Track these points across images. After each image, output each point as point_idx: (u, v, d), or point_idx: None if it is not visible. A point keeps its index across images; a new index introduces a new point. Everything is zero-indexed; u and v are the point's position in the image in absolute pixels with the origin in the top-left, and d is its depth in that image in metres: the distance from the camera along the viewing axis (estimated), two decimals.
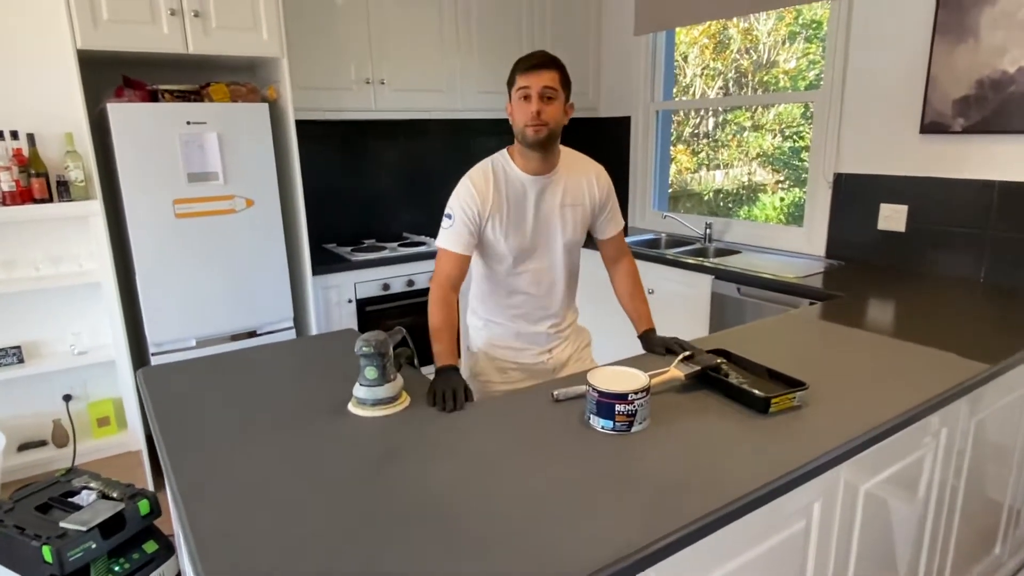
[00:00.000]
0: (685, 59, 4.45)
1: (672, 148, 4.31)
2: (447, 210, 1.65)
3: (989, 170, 2.38)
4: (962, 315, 2.03)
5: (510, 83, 1.60)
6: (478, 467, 1.15)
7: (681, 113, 4.04)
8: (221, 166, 2.53)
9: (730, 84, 4.21)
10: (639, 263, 3.09)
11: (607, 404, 1.25)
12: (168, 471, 1.18)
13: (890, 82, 2.60)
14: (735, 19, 3.95)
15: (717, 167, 4.53)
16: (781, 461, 1.14)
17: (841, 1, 2.72)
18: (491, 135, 3.75)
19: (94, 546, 1.61)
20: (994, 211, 2.38)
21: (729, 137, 4.49)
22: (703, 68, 4.39)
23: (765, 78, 4.02)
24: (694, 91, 4.38)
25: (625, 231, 3.79)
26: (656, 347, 1.72)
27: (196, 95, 2.57)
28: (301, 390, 1.52)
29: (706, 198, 4.76)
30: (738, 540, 1.11)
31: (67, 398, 2.94)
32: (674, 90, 3.87)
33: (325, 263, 3.04)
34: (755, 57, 4.13)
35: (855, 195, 2.80)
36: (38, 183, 2.63)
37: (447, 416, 1.35)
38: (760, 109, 4.10)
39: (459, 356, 1.57)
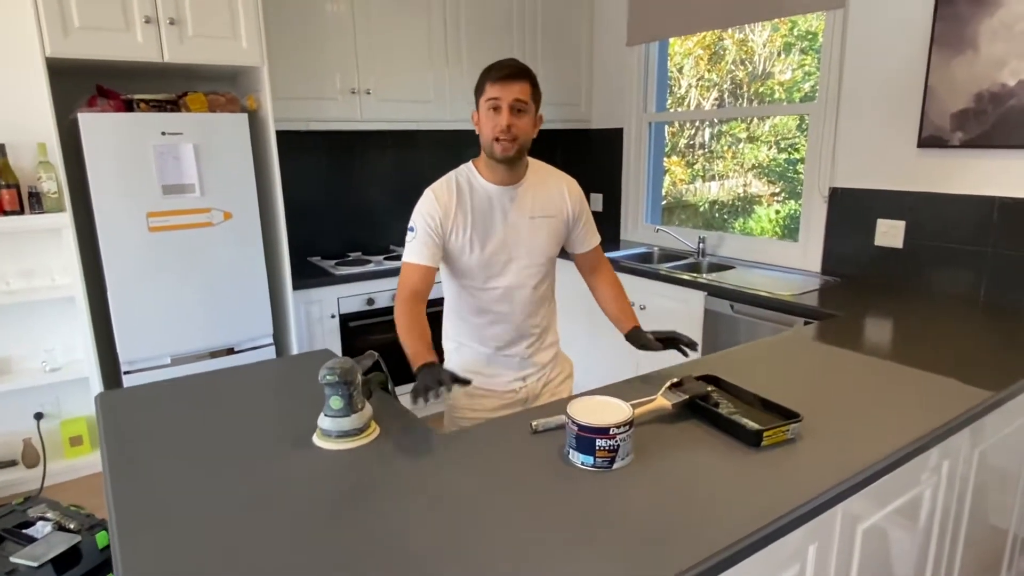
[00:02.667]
0: (680, 70, 4.40)
1: (666, 159, 4.25)
2: (410, 223, 1.58)
3: (989, 186, 2.31)
4: (963, 337, 1.96)
5: (478, 91, 1.53)
6: (449, 507, 1.06)
7: (676, 124, 3.98)
8: (197, 178, 2.45)
9: (725, 95, 4.16)
10: (630, 278, 3.04)
11: (587, 439, 1.17)
12: (111, 509, 1.09)
13: (886, 95, 2.54)
14: (730, 30, 3.91)
15: (712, 178, 4.47)
16: (775, 503, 1.06)
17: (836, 12, 2.66)
18: (478, 147, 3.68)
19: None
20: (994, 228, 2.31)
21: (724, 148, 4.44)
22: (698, 79, 4.34)
23: (760, 89, 3.97)
24: (689, 102, 4.33)
25: (618, 245, 3.73)
26: (648, 342, 1.64)
27: (173, 105, 2.49)
28: (265, 419, 1.43)
29: (701, 209, 4.71)
30: None
31: (39, 416, 2.84)
32: (668, 101, 3.81)
33: (308, 277, 2.95)
34: (750, 68, 4.09)
35: (851, 210, 2.73)
36: (8, 194, 2.55)
37: (417, 449, 1.26)
38: (756, 120, 4.05)
39: (434, 352, 1.48)
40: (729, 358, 1.81)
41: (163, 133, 2.37)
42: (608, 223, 3.99)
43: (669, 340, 1.66)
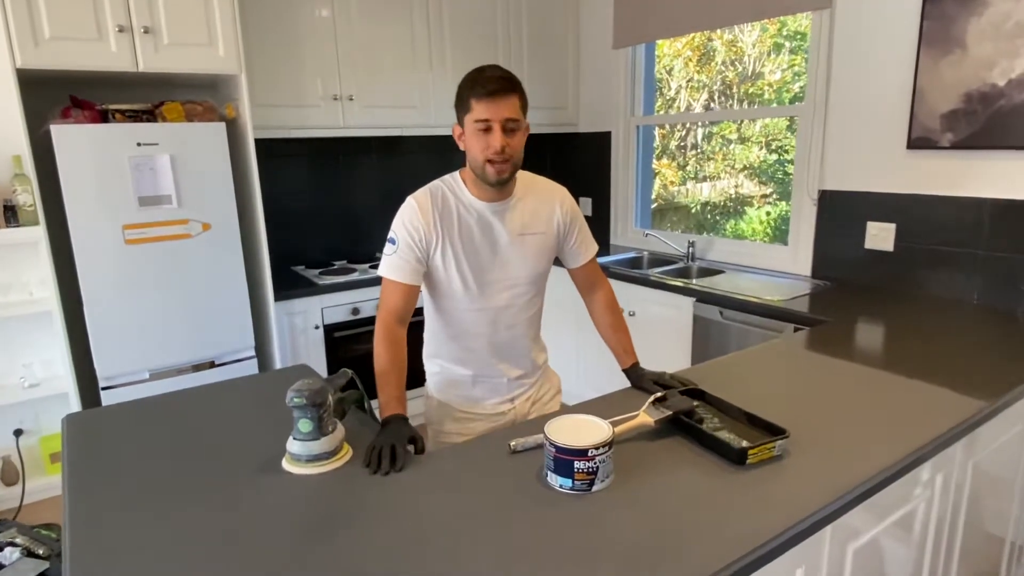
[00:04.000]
0: (670, 72, 4.37)
1: (656, 162, 4.21)
2: (390, 234, 1.47)
3: (979, 187, 2.27)
4: (955, 342, 1.92)
5: (462, 107, 1.41)
6: (422, 534, 1.01)
7: (667, 126, 3.94)
8: (174, 189, 2.40)
9: (716, 96, 4.12)
10: (619, 284, 3.00)
11: (565, 461, 1.12)
12: (65, 540, 1.05)
13: (875, 96, 2.51)
14: (719, 31, 3.88)
15: (704, 180, 4.44)
16: (761, 526, 1.02)
17: (822, 12, 2.63)
18: (462, 152, 3.64)
19: None
20: (985, 230, 2.27)
21: (715, 150, 4.41)
22: (688, 80, 4.31)
23: (750, 90, 3.94)
24: (679, 104, 4.30)
25: (607, 250, 3.68)
26: (645, 383, 1.56)
27: (149, 115, 2.44)
28: (233, 442, 1.38)
29: (693, 211, 4.67)
30: None
31: (18, 433, 2.78)
32: (658, 103, 3.78)
33: (291, 287, 2.90)
34: (740, 69, 4.05)
35: (841, 213, 2.69)
36: None
37: (390, 472, 1.21)
38: (747, 121, 4.02)
39: (406, 401, 1.41)
40: (716, 368, 1.77)
41: (139, 144, 2.31)
42: (597, 228, 3.94)
43: (659, 384, 1.54)
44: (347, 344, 3.00)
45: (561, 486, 1.14)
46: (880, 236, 2.57)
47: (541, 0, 3.60)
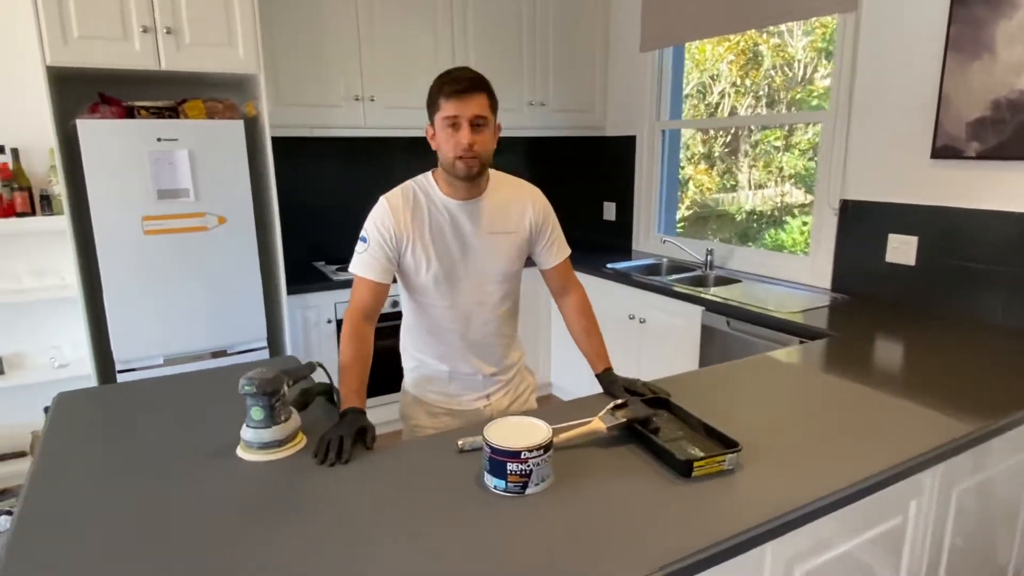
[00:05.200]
0: (714, 77, 4.27)
1: (692, 168, 4.12)
2: (362, 232, 1.51)
3: (1006, 200, 2.14)
4: (965, 363, 1.81)
5: (432, 106, 1.44)
6: (345, 527, 1.03)
7: (711, 131, 3.85)
8: (192, 183, 2.49)
9: (763, 102, 4.01)
10: (631, 290, 2.96)
11: (499, 462, 1.12)
12: (18, 506, 1.10)
13: (900, 102, 2.39)
14: (765, 35, 3.78)
15: (746, 187, 4.31)
16: (688, 539, 0.99)
17: (848, 16, 2.53)
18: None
19: None
20: (1013, 245, 2.14)
21: (756, 157, 4.29)
22: (732, 85, 4.20)
23: (797, 96, 3.81)
24: (722, 109, 4.19)
25: (629, 256, 3.63)
26: (615, 389, 1.54)
27: (172, 112, 2.55)
28: (202, 427, 1.42)
29: (739, 219, 4.55)
30: None
31: (47, 410, 2.93)
32: (699, 108, 3.70)
33: (308, 281, 2.98)
34: (789, 74, 3.93)
35: (863, 224, 2.58)
36: (20, 197, 2.65)
37: (334, 467, 1.23)
38: (796, 128, 3.89)
39: (365, 395, 1.43)
40: (702, 378, 1.73)
41: (159, 139, 2.42)
42: (620, 233, 3.90)
43: (630, 391, 1.52)
44: None
45: (495, 487, 1.13)
46: (902, 249, 2.45)
47: (569, 4, 3.58)
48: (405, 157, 3.52)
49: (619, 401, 1.37)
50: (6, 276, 2.78)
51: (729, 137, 4.30)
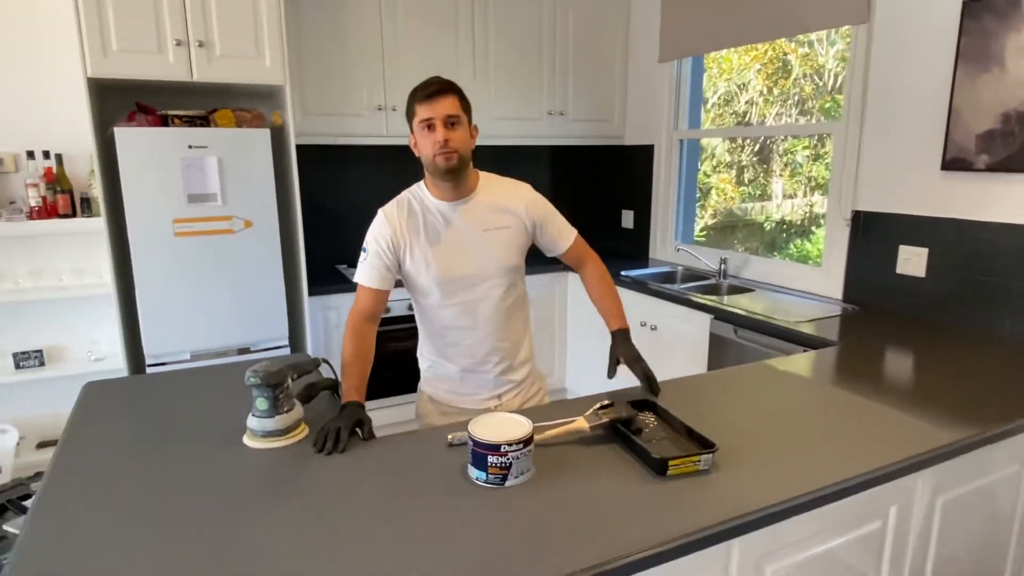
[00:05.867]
0: (742, 86, 4.28)
1: (715, 176, 4.13)
2: (364, 244, 1.62)
3: (1016, 212, 2.13)
4: (964, 375, 1.81)
5: (409, 115, 1.55)
6: (336, 510, 1.10)
7: (738, 140, 3.87)
8: (220, 188, 2.63)
9: (793, 111, 4.00)
10: (643, 297, 3.00)
11: (481, 455, 1.19)
12: (44, 479, 1.21)
13: (910, 114, 2.40)
14: (794, 44, 3.79)
15: (774, 197, 4.30)
16: (653, 533, 1.04)
17: (860, 28, 2.54)
18: (509, 160, 3.74)
19: None
20: (1020, 258, 2.13)
21: (784, 167, 4.28)
22: (761, 94, 4.21)
23: (826, 105, 3.80)
24: (750, 117, 4.20)
25: (646, 263, 3.67)
26: (617, 351, 1.64)
27: (203, 120, 2.69)
28: (216, 416, 1.52)
29: (768, 228, 4.54)
30: None
31: None
32: (723, 117, 3.72)
33: (329, 283, 3.09)
34: (820, 83, 3.93)
35: (874, 235, 2.58)
36: (63, 199, 2.83)
37: (331, 455, 1.31)
38: (825, 137, 3.88)
39: (364, 390, 1.52)
40: (696, 383, 1.76)
41: (190, 147, 2.56)
42: (638, 241, 3.93)
43: (627, 364, 1.63)
44: (377, 340, 3.15)
45: (476, 478, 1.20)
46: (912, 261, 2.44)
47: (589, 15, 3.65)
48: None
49: (605, 402, 1.43)
50: (49, 274, 2.96)
51: (758, 146, 4.30)
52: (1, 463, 2.73)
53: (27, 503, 1.85)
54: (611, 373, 1.65)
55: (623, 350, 1.65)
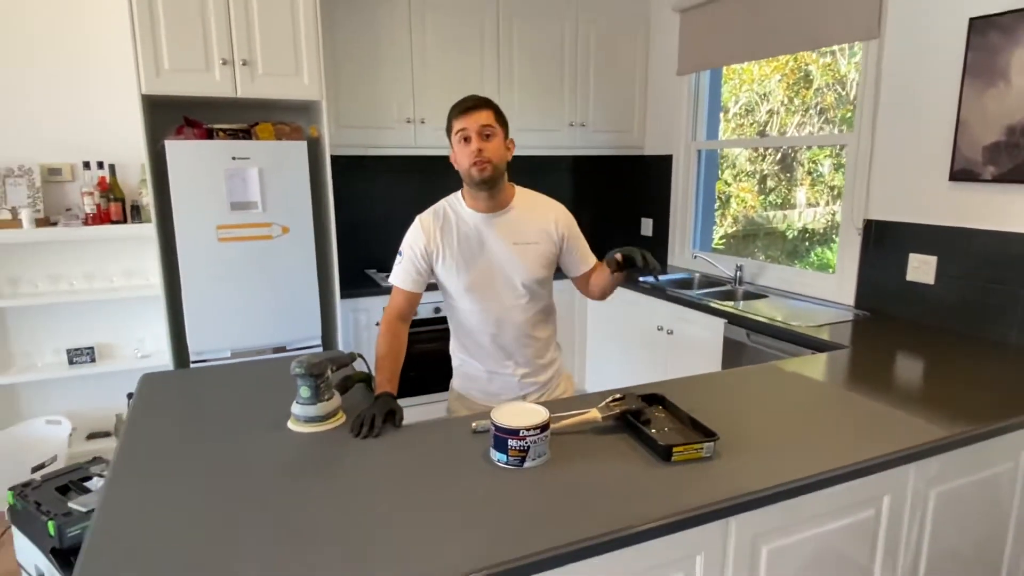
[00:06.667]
0: (764, 96, 4.37)
1: (735, 185, 4.22)
2: (400, 249, 1.75)
3: (1021, 222, 2.20)
4: (966, 377, 1.89)
5: (449, 130, 1.66)
6: (370, 486, 1.24)
7: (759, 150, 3.96)
8: (260, 196, 2.80)
9: (814, 120, 4.08)
10: (660, 302, 3.10)
11: (502, 438, 1.31)
12: (113, 459, 1.37)
13: (920, 126, 2.48)
14: (815, 55, 3.87)
15: (796, 205, 4.37)
16: (655, 510, 1.15)
17: (871, 43, 2.63)
18: (532, 170, 3.87)
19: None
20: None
21: (805, 176, 4.34)
22: (782, 104, 4.29)
23: (848, 115, 3.88)
24: (771, 127, 4.28)
25: (664, 269, 3.78)
26: (611, 252, 1.58)
27: (246, 133, 2.88)
28: (263, 404, 1.67)
29: (790, 236, 4.60)
30: None
31: (130, 396, 3.30)
32: (743, 127, 3.81)
33: (360, 287, 3.26)
34: (842, 93, 4.00)
35: (885, 243, 2.66)
36: (115, 207, 3.03)
37: (368, 438, 1.45)
38: (840, 148, 3.94)
39: (397, 382, 1.66)
40: (705, 381, 1.87)
41: (233, 158, 2.74)
42: (656, 248, 4.04)
43: (627, 260, 1.58)
44: None
45: (498, 460, 1.33)
46: (921, 269, 2.52)
47: (610, 30, 3.78)
48: (452, 174, 3.78)
49: (617, 396, 1.55)
50: (101, 276, 3.17)
51: (779, 155, 4.38)
52: (56, 452, 2.94)
53: (88, 483, 2.02)
54: (611, 266, 1.60)
55: (615, 252, 1.58)
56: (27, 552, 1.97)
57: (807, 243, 4.36)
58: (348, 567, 0.99)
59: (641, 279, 1.61)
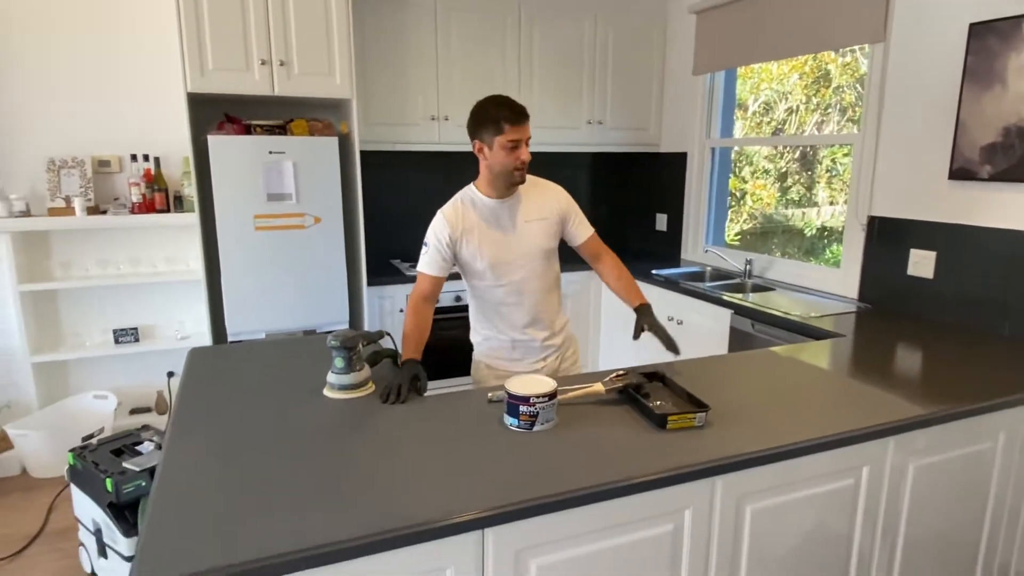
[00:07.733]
0: (783, 95, 4.46)
1: (752, 183, 4.32)
2: (425, 239, 1.94)
3: (1016, 219, 2.31)
4: (953, 364, 2.01)
5: (494, 128, 1.81)
6: (396, 446, 1.41)
7: (777, 148, 4.06)
8: (295, 188, 2.99)
9: (835, 118, 4.17)
10: (670, 293, 3.24)
11: (514, 405, 1.48)
12: (169, 422, 1.56)
13: (921, 127, 2.59)
14: (834, 56, 3.96)
15: (814, 204, 4.45)
16: (647, 468, 1.31)
17: (876, 46, 2.74)
18: (550, 166, 4.02)
19: (144, 484, 2.04)
20: (1017, 262, 2.30)
21: (822, 174, 4.43)
22: (801, 102, 4.38)
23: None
24: (789, 125, 4.38)
25: (677, 263, 3.90)
26: (641, 322, 1.96)
27: (281, 129, 3.07)
28: (300, 375, 1.85)
29: (808, 234, 4.69)
30: (598, 524, 1.28)
31: (170, 374, 3.53)
32: (761, 125, 3.92)
33: (386, 275, 3.44)
34: (861, 92, 4.09)
35: (887, 239, 2.77)
36: (159, 197, 3.25)
37: (395, 405, 1.62)
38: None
39: (421, 352, 1.84)
40: (706, 364, 2.01)
41: (270, 152, 2.94)
42: (670, 243, 4.17)
43: (660, 337, 1.94)
44: None
45: (510, 424, 1.49)
46: (921, 263, 2.63)
47: (628, 31, 3.91)
48: (473, 170, 3.95)
49: (620, 371, 1.70)
50: (145, 262, 3.39)
51: (798, 153, 4.47)
52: (103, 424, 3.17)
53: (139, 447, 2.23)
54: (636, 335, 1.96)
55: (647, 319, 1.96)
56: (85, 507, 2.18)
57: (824, 241, 4.45)
58: (382, 508, 1.16)
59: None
